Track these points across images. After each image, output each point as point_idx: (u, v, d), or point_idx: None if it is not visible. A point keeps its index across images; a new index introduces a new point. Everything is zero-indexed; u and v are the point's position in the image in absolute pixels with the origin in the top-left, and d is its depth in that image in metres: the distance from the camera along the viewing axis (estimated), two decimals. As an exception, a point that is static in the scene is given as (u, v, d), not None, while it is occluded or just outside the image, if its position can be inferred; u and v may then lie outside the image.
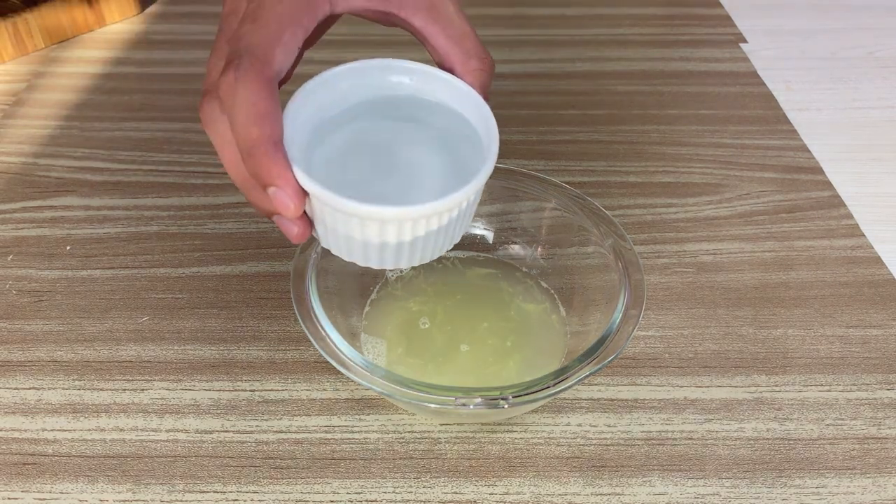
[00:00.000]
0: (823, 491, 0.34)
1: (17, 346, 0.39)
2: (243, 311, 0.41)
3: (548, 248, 0.41)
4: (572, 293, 0.40)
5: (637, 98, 0.59)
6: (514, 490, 0.34)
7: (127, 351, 0.39)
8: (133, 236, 0.46)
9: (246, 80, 0.26)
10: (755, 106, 0.58)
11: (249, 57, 0.26)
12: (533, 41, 0.66)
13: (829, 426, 0.36)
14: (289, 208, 0.27)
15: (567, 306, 0.40)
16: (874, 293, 0.43)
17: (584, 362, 0.32)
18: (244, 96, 0.26)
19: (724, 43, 0.66)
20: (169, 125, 0.55)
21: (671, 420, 0.36)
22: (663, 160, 0.52)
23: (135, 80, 0.60)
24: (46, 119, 0.55)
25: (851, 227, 0.47)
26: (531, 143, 0.54)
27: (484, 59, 0.31)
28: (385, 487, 0.34)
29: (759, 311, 0.42)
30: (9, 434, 0.35)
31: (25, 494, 0.33)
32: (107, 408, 0.37)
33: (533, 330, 0.39)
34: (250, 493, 0.33)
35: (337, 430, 0.36)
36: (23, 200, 0.48)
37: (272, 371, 0.38)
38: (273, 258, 0.44)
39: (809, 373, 0.38)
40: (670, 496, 0.33)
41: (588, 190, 0.49)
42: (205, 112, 0.28)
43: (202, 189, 0.49)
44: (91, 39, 0.65)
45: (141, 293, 0.42)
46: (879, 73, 0.63)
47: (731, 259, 0.45)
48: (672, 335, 0.40)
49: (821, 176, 0.51)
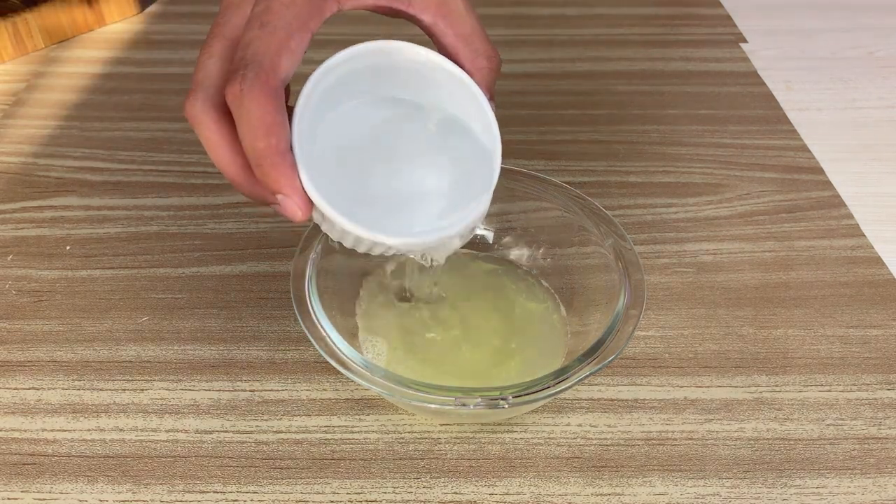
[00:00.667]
0: (823, 491, 0.34)
1: (16, 346, 0.39)
2: (243, 311, 0.41)
3: (548, 248, 0.41)
4: (572, 293, 0.40)
5: (637, 98, 0.59)
6: (514, 490, 0.34)
7: (127, 351, 0.39)
8: (133, 236, 0.46)
9: (252, 93, 0.26)
10: (755, 106, 0.58)
11: (256, 67, 0.26)
12: (533, 41, 0.66)
13: (829, 426, 0.36)
14: (297, 214, 0.28)
15: (567, 306, 0.40)
16: (874, 293, 0.43)
17: (584, 362, 0.32)
18: (250, 108, 0.26)
19: (724, 43, 0.66)
20: (169, 125, 0.55)
21: (671, 420, 0.36)
22: (663, 160, 0.52)
23: (135, 80, 0.60)
24: (46, 119, 0.55)
25: (851, 227, 0.47)
26: (531, 143, 0.54)
27: (492, 58, 0.31)
28: (385, 487, 0.34)
29: (759, 312, 0.42)
30: (8, 434, 0.35)
31: (25, 494, 0.33)
32: (106, 408, 0.37)
33: (535, 330, 0.39)
34: (250, 493, 0.33)
35: (337, 431, 0.36)
36: (23, 200, 0.48)
37: (272, 371, 0.38)
38: (273, 258, 0.44)
39: (809, 373, 0.38)
40: (670, 496, 0.33)
41: (588, 190, 0.49)
42: (193, 111, 0.27)
43: (202, 189, 0.49)
44: (91, 39, 0.65)
45: (141, 293, 0.42)
46: (879, 73, 0.63)
47: (731, 259, 0.45)
48: (672, 335, 0.40)
49: (821, 176, 0.51)
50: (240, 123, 0.26)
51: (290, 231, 0.46)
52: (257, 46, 0.26)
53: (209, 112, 0.27)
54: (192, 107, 0.27)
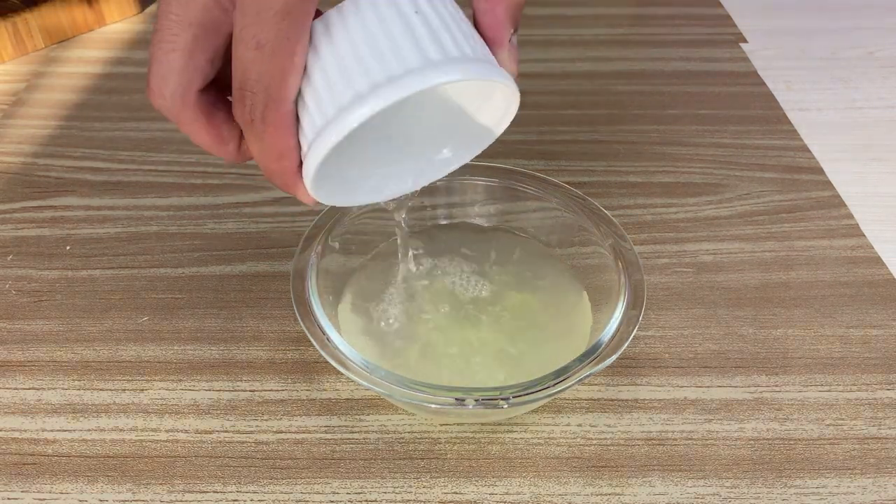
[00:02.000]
0: (823, 491, 0.34)
1: (16, 346, 0.39)
2: (243, 311, 0.41)
3: (548, 249, 0.41)
4: (572, 293, 0.40)
5: (637, 98, 0.59)
6: (514, 490, 0.34)
7: (127, 351, 0.39)
8: (133, 236, 0.46)
9: (264, 124, 0.25)
10: (755, 106, 0.58)
11: (264, 96, 0.25)
12: (533, 41, 0.66)
13: (829, 426, 0.36)
14: (310, 204, 0.29)
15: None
16: (874, 293, 0.43)
17: (584, 362, 0.32)
18: (262, 137, 0.26)
19: (724, 43, 0.66)
20: (169, 125, 0.55)
21: (671, 420, 0.36)
22: (663, 160, 0.52)
23: (135, 80, 0.60)
24: (46, 119, 0.55)
25: (851, 227, 0.47)
26: (531, 143, 0.54)
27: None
28: (385, 487, 0.34)
29: (759, 311, 0.42)
30: (8, 434, 0.35)
31: (25, 494, 0.33)
32: (106, 408, 0.37)
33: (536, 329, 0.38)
34: (250, 493, 0.33)
35: (337, 430, 0.36)
36: (23, 200, 0.48)
37: (272, 371, 0.38)
38: (273, 258, 0.44)
39: (809, 373, 0.38)
40: (670, 496, 0.33)
41: (588, 190, 0.49)
42: (168, 108, 0.27)
43: (202, 189, 0.49)
44: (91, 39, 0.65)
45: (141, 293, 0.42)
46: (879, 73, 0.63)
47: (731, 259, 0.45)
48: (672, 335, 0.40)
49: (821, 176, 0.51)
50: (251, 143, 0.26)
51: (290, 231, 0.46)
52: (260, 72, 0.24)
53: (186, 111, 0.27)
54: (164, 103, 0.27)
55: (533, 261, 0.41)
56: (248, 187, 0.49)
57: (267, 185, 0.49)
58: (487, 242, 0.42)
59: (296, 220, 0.47)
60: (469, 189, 0.42)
